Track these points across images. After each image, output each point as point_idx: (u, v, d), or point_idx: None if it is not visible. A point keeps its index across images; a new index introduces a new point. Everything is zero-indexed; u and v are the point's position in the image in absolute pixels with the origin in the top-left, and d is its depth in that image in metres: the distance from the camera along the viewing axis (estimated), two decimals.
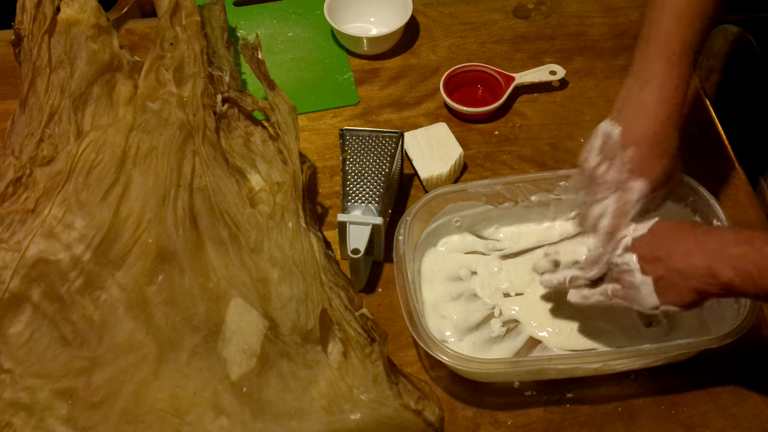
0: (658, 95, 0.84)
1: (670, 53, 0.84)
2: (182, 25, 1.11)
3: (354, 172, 0.99)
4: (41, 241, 0.93)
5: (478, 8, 1.30)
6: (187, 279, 0.90)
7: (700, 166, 1.07)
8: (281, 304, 0.89)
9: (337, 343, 0.86)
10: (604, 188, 0.86)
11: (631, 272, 0.81)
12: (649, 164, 0.85)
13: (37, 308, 0.89)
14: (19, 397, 0.84)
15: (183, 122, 1.01)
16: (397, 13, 1.23)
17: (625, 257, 0.82)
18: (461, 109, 1.13)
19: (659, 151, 0.85)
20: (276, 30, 1.28)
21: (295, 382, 0.84)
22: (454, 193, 0.98)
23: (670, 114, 0.85)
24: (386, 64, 1.23)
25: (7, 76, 1.19)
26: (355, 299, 0.90)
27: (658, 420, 0.89)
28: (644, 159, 0.84)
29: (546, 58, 1.22)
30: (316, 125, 1.15)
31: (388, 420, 0.82)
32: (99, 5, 1.13)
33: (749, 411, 0.89)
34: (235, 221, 0.95)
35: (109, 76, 1.08)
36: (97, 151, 0.99)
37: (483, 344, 0.93)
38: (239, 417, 0.82)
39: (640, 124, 0.85)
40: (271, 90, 1.04)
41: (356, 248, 0.93)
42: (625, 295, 0.83)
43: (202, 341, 0.87)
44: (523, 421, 0.89)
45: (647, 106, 0.85)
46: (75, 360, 0.86)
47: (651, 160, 0.85)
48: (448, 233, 1.01)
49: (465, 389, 0.91)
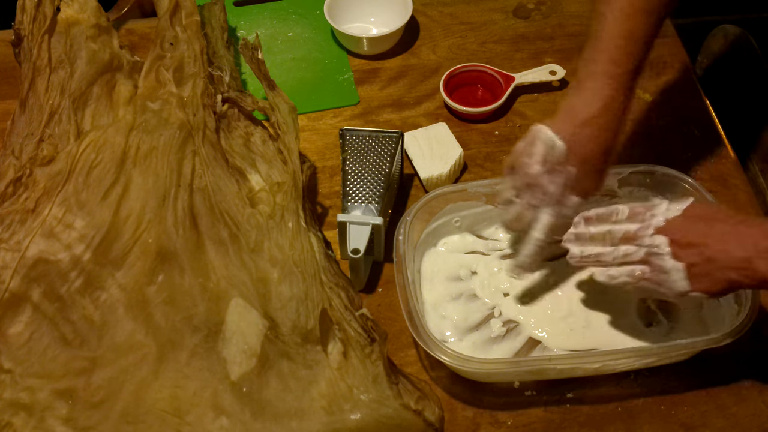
0: (604, 118, 0.85)
1: (614, 65, 0.84)
2: (182, 25, 1.11)
3: (354, 172, 0.99)
4: (41, 241, 0.93)
5: (478, 8, 1.30)
6: (187, 279, 0.90)
7: (700, 166, 1.08)
8: (281, 304, 0.89)
9: (337, 343, 0.86)
10: (545, 199, 0.88)
11: (661, 256, 0.79)
12: (590, 183, 0.87)
13: (37, 308, 0.89)
14: (19, 397, 0.84)
15: (183, 122, 1.01)
16: (397, 13, 1.23)
17: (656, 239, 0.79)
18: (461, 109, 1.13)
19: (599, 171, 0.87)
20: (276, 30, 1.28)
21: (295, 382, 0.84)
22: (454, 193, 0.98)
23: (614, 135, 0.86)
24: (386, 64, 1.23)
25: (7, 76, 1.19)
26: (355, 299, 0.90)
27: (658, 420, 0.89)
28: (586, 178, 0.87)
29: (546, 58, 1.22)
30: (316, 125, 1.16)
31: (388, 420, 0.82)
32: (99, 5, 1.13)
33: (749, 411, 0.89)
34: (235, 221, 0.95)
35: (109, 76, 1.08)
36: (97, 151, 0.99)
37: (483, 344, 0.93)
38: (239, 417, 0.82)
39: (586, 146, 0.86)
40: (271, 90, 1.04)
41: (356, 248, 0.93)
42: (653, 278, 0.80)
43: (202, 341, 0.87)
44: (523, 421, 0.89)
45: (593, 125, 0.85)
46: (75, 360, 0.86)
47: (591, 180, 0.87)
48: (448, 233, 1.01)
49: (465, 389, 0.91)
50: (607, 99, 0.85)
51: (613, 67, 0.84)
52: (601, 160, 0.87)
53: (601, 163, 0.87)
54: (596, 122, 0.85)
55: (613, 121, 0.85)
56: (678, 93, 1.17)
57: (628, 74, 0.85)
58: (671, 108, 1.16)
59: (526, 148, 0.88)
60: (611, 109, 0.85)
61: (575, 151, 0.86)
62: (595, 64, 0.85)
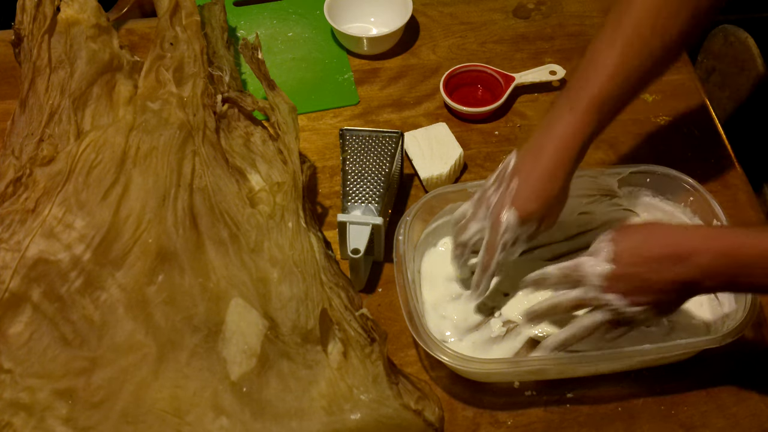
0: (555, 142, 0.85)
1: (577, 104, 0.85)
2: (182, 25, 1.11)
3: (354, 172, 0.99)
4: (41, 241, 0.93)
5: (478, 8, 1.30)
6: (187, 279, 0.90)
7: (700, 166, 1.08)
8: (281, 304, 0.89)
9: (337, 343, 0.86)
10: (485, 209, 0.88)
11: (623, 311, 0.80)
12: (525, 200, 0.86)
13: (37, 308, 0.89)
14: (19, 397, 0.84)
15: (183, 122, 1.01)
16: (397, 13, 1.23)
17: (607, 297, 0.80)
18: (461, 109, 1.13)
19: (538, 191, 0.86)
20: (276, 30, 1.28)
21: (295, 382, 0.84)
22: (454, 193, 0.97)
23: (559, 163, 0.85)
24: (386, 64, 1.23)
25: (7, 76, 1.19)
26: (355, 299, 0.90)
27: (658, 420, 0.89)
28: (522, 193, 0.86)
29: (546, 58, 1.22)
30: (316, 125, 1.16)
31: (388, 420, 0.82)
32: (99, 5, 1.13)
33: (749, 411, 0.89)
34: (235, 221, 0.95)
35: (109, 76, 1.08)
36: (97, 151, 0.99)
37: (483, 344, 0.93)
38: (239, 417, 0.82)
39: (529, 162, 0.86)
40: (271, 90, 1.04)
41: (356, 248, 0.93)
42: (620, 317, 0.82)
43: (202, 341, 0.87)
44: (523, 421, 0.89)
45: (542, 148, 0.86)
46: (75, 360, 0.86)
47: (528, 197, 0.86)
48: (449, 233, 1.01)
49: (465, 389, 0.91)
50: (562, 127, 0.85)
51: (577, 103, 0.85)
52: (539, 180, 0.85)
53: (538, 182, 0.85)
54: (544, 143, 0.86)
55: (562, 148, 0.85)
56: (678, 93, 1.17)
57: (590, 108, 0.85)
58: (671, 108, 1.16)
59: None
60: (564, 136, 0.85)
61: (519, 164, 0.87)
62: (565, 92, 0.87)
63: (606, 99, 0.85)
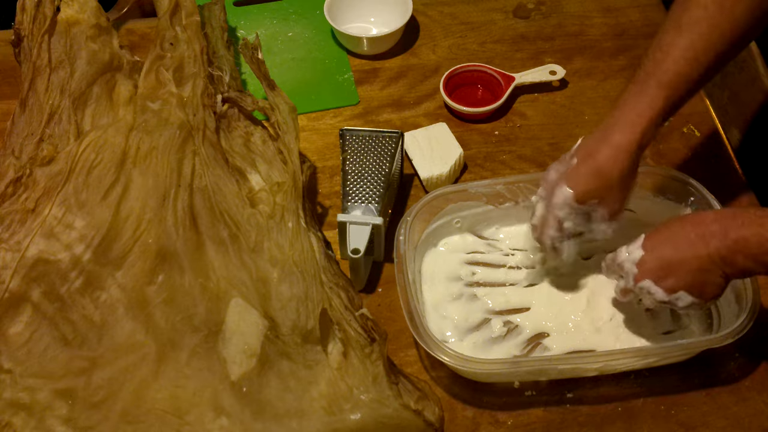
0: (619, 126, 0.86)
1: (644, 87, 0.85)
2: (182, 25, 1.11)
3: (354, 172, 0.99)
4: (41, 241, 0.93)
5: (478, 8, 1.30)
6: (187, 279, 0.90)
7: (700, 166, 1.08)
8: (281, 304, 0.89)
9: (337, 343, 0.86)
10: (544, 186, 0.90)
11: (654, 295, 0.83)
12: (582, 178, 0.86)
13: (37, 308, 0.89)
14: (19, 397, 0.84)
15: (183, 122, 1.01)
16: (397, 13, 1.23)
17: (643, 284, 0.83)
18: (461, 109, 1.13)
19: (594, 170, 0.86)
20: (276, 30, 1.28)
21: (295, 382, 0.84)
22: (454, 194, 0.98)
23: (622, 146, 0.85)
24: (386, 64, 1.23)
25: (7, 76, 1.19)
26: (355, 299, 0.90)
27: (658, 420, 0.89)
28: (579, 170, 0.86)
29: (546, 58, 1.22)
30: (316, 125, 1.16)
31: (388, 420, 0.82)
32: (99, 5, 1.13)
33: (749, 411, 0.89)
34: (235, 221, 0.95)
35: (109, 76, 1.08)
36: (97, 151, 0.99)
37: (483, 344, 0.93)
38: (239, 417, 0.82)
39: (592, 143, 0.87)
40: (271, 90, 1.04)
41: (356, 248, 0.93)
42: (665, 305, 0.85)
43: (202, 341, 0.87)
44: (523, 421, 0.89)
45: (606, 131, 0.86)
46: (75, 360, 0.86)
47: (585, 175, 0.86)
48: (449, 233, 1.01)
49: (465, 389, 0.91)
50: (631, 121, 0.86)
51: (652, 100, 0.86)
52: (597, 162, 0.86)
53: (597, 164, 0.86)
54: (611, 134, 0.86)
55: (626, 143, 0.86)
56: None
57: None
58: None
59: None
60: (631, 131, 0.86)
61: (582, 146, 0.88)
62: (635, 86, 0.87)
63: (673, 82, 0.85)
